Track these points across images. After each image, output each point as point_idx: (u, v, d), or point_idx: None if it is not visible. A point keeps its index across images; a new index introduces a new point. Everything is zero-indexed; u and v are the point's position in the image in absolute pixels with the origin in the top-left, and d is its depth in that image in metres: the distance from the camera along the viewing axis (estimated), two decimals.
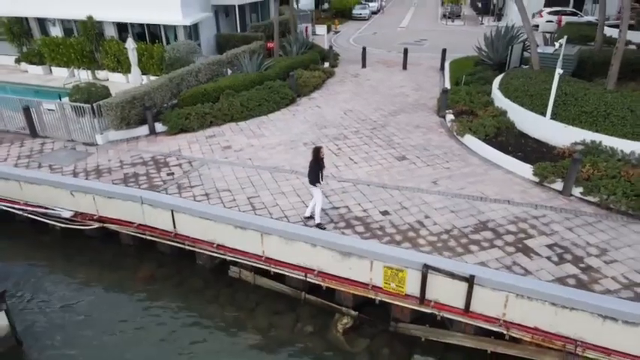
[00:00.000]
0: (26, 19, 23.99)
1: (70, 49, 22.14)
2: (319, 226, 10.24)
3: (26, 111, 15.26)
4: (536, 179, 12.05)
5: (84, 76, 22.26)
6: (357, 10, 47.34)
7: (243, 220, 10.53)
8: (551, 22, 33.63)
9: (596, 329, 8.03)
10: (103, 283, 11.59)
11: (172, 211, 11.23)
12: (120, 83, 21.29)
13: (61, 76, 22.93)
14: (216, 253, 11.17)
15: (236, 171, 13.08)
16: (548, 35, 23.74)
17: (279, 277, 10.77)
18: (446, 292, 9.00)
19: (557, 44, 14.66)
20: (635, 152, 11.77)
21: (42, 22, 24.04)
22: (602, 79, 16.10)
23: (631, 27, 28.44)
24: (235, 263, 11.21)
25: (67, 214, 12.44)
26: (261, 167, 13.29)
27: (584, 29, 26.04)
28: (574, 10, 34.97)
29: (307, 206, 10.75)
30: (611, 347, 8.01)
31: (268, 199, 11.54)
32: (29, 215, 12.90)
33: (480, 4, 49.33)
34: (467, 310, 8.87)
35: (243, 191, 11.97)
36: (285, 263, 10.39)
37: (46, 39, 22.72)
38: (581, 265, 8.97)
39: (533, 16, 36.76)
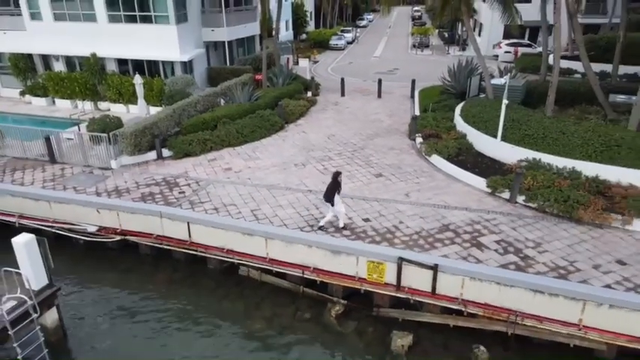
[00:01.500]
0: (30, 55, 25.91)
1: (74, 83, 24.16)
2: (344, 228, 12.60)
3: (47, 140, 17.22)
4: (489, 190, 14.64)
5: (87, 107, 24.22)
6: (333, 41, 50.51)
7: (251, 228, 12.73)
8: (509, 52, 37.29)
9: (530, 302, 10.45)
10: (127, 286, 13.50)
11: (188, 223, 13.35)
12: (121, 113, 23.24)
13: (64, 107, 24.90)
14: (226, 257, 13.28)
15: (238, 189, 15.29)
16: (502, 67, 26.85)
17: (281, 275, 12.93)
18: (416, 280, 11.32)
19: (504, 78, 17.53)
20: (566, 167, 14.50)
21: (45, 58, 26.00)
22: (545, 106, 19.01)
23: (572, 58, 32.26)
24: (243, 264, 13.33)
25: (93, 229, 14.39)
26: (259, 185, 15.54)
27: (537, 60, 29.41)
28: (529, 42, 38.79)
29: (319, 218, 12.98)
30: (541, 315, 10.43)
31: (269, 211, 13.78)
32: (57, 231, 14.76)
33: (446, 35, 53.28)
34: (433, 292, 11.21)
35: (246, 205, 14.18)
36: (286, 263, 12.58)
37: (51, 74, 24.70)
38: (520, 255, 11.46)
39: (494, 47, 40.55)
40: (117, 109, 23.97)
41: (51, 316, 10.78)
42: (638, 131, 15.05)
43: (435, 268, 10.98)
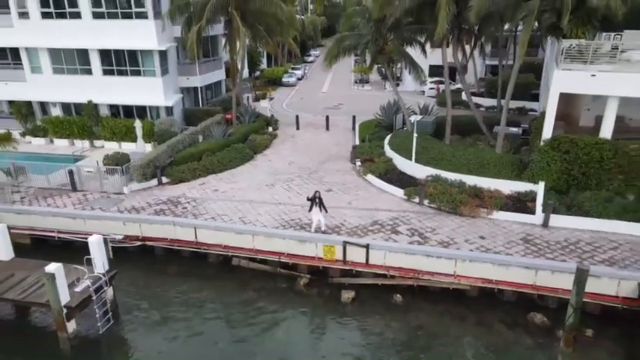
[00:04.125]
0: (29, 101, 30.27)
1: (72, 125, 28.77)
2: (325, 232, 17.94)
3: (70, 172, 21.99)
4: (406, 197, 20.93)
5: (84, 145, 28.84)
6: (285, 78, 56.86)
7: (241, 228, 18.27)
8: (433, 89, 45.01)
9: (426, 264, 16.57)
10: (148, 277, 18.51)
11: (195, 228, 18.67)
12: (113, 149, 27.98)
13: (61, 145, 29.32)
14: (223, 252, 18.65)
15: (226, 204, 20.76)
16: (422, 105, 33.88)
17: (263, 261, 18.42)
18: (356, 256, 17.20)
19: (416, 116, 24.19)
20: (456, 179, 21.04)
21: (43, 104, 30.45)
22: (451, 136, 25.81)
23: (481, 94, 40.22)
24: (235, 256, 18.72)
25: (119, 237, 19.33)
26: (242, 201, 21.07)
27: (455, 95, 36.84)
28: (450, 80, 46.69)
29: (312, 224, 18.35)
30: (433, 271, 16.56)
31: (252, 218, 19.34)
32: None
33: (383, 71, 61.09)
34: (367, 263, 17.13)
35: (235, 215, 19.67)
36: (267, 251, 18.13)
37: (51, 118, 29.23)
38: (422, 236, 17.67)
39: (423, 83, 48.25)
40: (110, 146, 28.64)
41: (109, 292, 15.69)
42: (501, 153, 21.96)
43: (367, 247, 16.96)
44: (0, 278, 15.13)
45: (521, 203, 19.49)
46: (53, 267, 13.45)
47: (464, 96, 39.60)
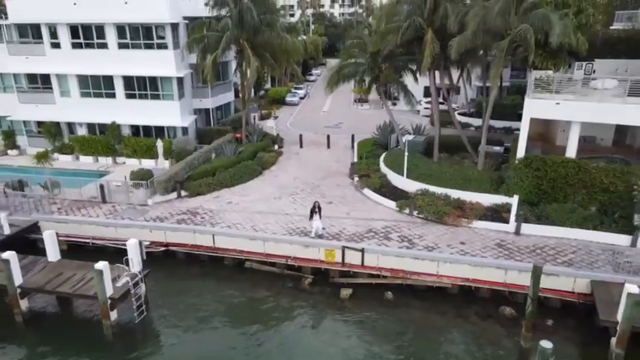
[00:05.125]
0: (58, 122, 33.29)
1: (97, 144, 31.75)
2: (321, 236, 20.78)
3: (101, 186, 24.86)
4: (398, 209, 23.71)
5: (109, 162, 31.76)
6: (289, 98, 60.08)
7: (253, 235, 21.06)
8: (427, 108, 48.07)
9: (414, 265, 19.30)
10: (171, 278, 21.19)
11: (213, 235, 21.46)
12: (134, 166, 30.83)
13: (86, 162, 32.21)
14: (237, 256, 21.39)
15: (240, 214, 23.56)
16: (414, 125, 36.78)
17: (272, 264, 21.15)
18: (353, 258, 19.95)
19: (408, 136, 27.09)
20: (443, 193, 23.83)
21: (70, 124, 33.48)
22: (440, 153, 28.68)
23: (471, 115, 43.16)
24: (248, 260, 21.45)
25: (146, 243, 22.04)
26: (253, 211, 23.87)
27: (447, 116, 39.81)
28: (443, 100, 49.81)
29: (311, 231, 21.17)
30: (419, 271, 19.28)
31: (262, 226, 22.13)
32: (120, 246, 22.27)
33: (381, 90, 64.24)
34: (362, 265, 19.87)
35: (247, 223, 22.46)
36: (275, 255, 20.88)
37: (78, 137, 32.22)
38: (410, 242, 20.42)
39: (418, 103, 51.36)
40: (131, 163, 31.52)
41: (142, 288, 18.38)
42: (482, 170, 24.82)
43: (362, 251, 19.72)
44: (51, 276, 17.92)
45: (498, 214, 22.27)
46: (101, 265, 16.23)
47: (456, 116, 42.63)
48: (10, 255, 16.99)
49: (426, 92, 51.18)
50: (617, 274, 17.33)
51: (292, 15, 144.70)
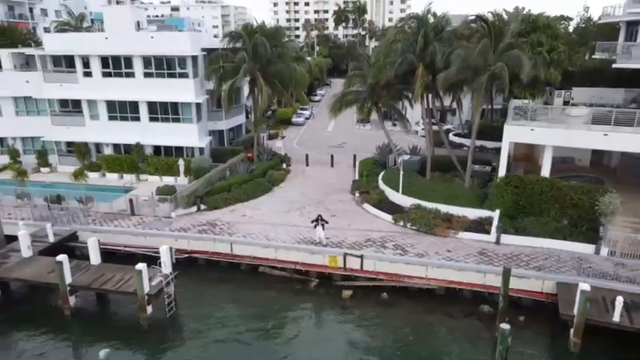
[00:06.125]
0: (87, 142, 36.69)
1: (123, 162, 35.07)
2: (325, 245, 23.82)
3: (130, 200, 28.04)
4: (394, 221, 26.72)
5: (132, 178, 35.01)
6: (295, 118, 63.58)
7: (267, 243, 24.11)
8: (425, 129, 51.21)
9: (406, 269, 22.23)
10: (194, 281, 24.12)
11: (231, 243, 24.52)
12: (156, 182, 34.02)
13: (112, 178, 35.46)
14: (252, 261, 24.40)
15: (253, 226, 26.62)
16: (411, 146, 39.94)
17: (282, 269, 24.12)
18: (353, 263, 22.92)
19: (404, 156, 30.24)
20: (434, 207, 26.84)
21: (98, 144, 36.87)
22: (432, 173, 31.74)
23: (465, 135, 46.22)
24: (262, 265, 24.42)
25: None
26: (265, 223, 26.93)
27: (440, 136, 42.99)
28: (440, 122, 53.06)
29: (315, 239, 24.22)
30: (410, 275, 22.19)
31: (274, 236, 25.18)
32: (148, 253, 25.31)
33: (383, 110, 67.66)
34: (362, 269, 22.83)
35: (260, 233, 25.51)
36: (286, 261, 23.88)
37: (105, 156, 35.57)
38: (403, 250, 23.39)
39: (417, 124, 54.69)
40: (153, 179, 34.72)
41: (172, 287, 21.37)
42: (468, 187, 27.86)
43: (361, 257, 22.71)
44: (95, 276, 21.00)
45: (481, 226, 25.22)
46: (141, 266, 19.32)
47: (450, 137, 45.96)
48: (62, 257, 20.12)
49: (428, 112, 54.58)
50: (579, 277, 20.18)
51: (298, 37, 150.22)
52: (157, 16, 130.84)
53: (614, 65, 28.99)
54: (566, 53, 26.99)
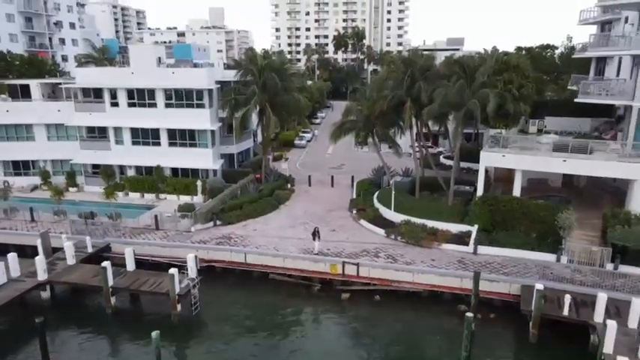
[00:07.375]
0: (111, 165, 40.80)
1: (144, 183, 39.11)
2: (325, 254, 27.69)
3: (155, 216, 31.97)
4: (386, 235, 30.61)
5: (153, 197, 39.00)
6: (297, 141, 67.75)
7: (276, 253, 27.96)
8: (419, 151, 55.36)
9: (395, 275, 26.04)
10: (212, 286, 27.87)
11: (245, 253, 28.37)
12: (174, 201, 37.95)
13: (134, 197, 39.46)
14: (263, 269, 28.21)
15: (263, 238, 30.50)
16: (404, 168, 43.98)
17: (289, 275, 27.90)
18: (351, 270, 26.73)
19: (396, 178, 34.30)
20: (421, 223, 30.76)
21: (122, 167, 40.97)
22: (421, 192, 35.69)
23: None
24: (271, 273, 28.21)
25: None
26: (274, 236, 30.80)
27: (434, 158, 47.11)
28: (431, 144, 57.36)
29: (313, 249, 28.13)
30: (399, 280, 26.00)
31: (282, 247, 29.04)
32: (173, 263, 29.07)
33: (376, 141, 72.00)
34: (358, 275, 26.64)
35: (270, 245, 29.38)
36: (292, 269, 27.69)
37: (129, 177, 39.64)
38: (394, 259, 27.23)
39: (410, 147, 58.85)
40: (171, 198, 38.67)
41: (197, 290, 25.10)
42: (451, 205, 31.83)
43: (357, 265, 26.55)
44: (132, 280, 24.84)
45: (462, 239, 29.10)
46: (173, 270, 23.17)
47: (441, 159, 50.15)
48: (106, 264, 24.01)
49: (417, 138, 58.84)
50: (540, 280, 23.96)
51: (299, 60, 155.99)
52: (164, 42, 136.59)
53: (575, 100, 33.28)
54: (533, 89, 31.19)
